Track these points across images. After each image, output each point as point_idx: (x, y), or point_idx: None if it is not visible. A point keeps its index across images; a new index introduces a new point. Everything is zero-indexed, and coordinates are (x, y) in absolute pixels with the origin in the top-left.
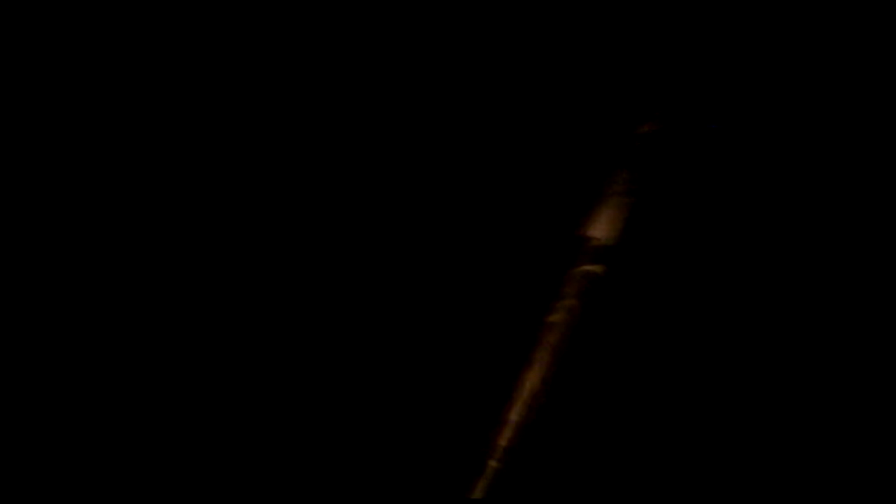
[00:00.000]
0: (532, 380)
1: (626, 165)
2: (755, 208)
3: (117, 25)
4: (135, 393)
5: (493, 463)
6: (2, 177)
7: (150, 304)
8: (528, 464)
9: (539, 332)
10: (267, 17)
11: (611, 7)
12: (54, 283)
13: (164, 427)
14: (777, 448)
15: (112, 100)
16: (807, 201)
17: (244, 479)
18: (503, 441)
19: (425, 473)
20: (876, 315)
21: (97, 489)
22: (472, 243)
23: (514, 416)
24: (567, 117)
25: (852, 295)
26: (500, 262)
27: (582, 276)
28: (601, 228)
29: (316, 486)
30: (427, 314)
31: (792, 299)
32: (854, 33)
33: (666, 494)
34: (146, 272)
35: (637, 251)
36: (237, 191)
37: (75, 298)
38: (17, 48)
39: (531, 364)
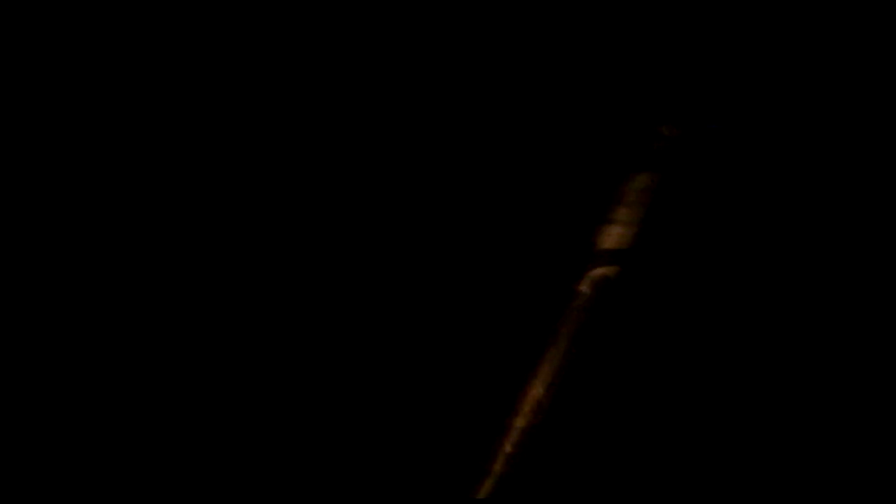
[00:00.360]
0: (537, 386)
1: (640, 169)
2: (773, 212)
3: (117, 25)
4: (134, 393)
5: (497, 465)
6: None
7: (148, 304)
8: (532, 466)
9: (547, 337)
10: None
11: (629, 8)
12: (54, 283)
13: (163, 427)
14: (783, 454)
15: (112, 100)
16: (827, 205)
17: (267, 479)
18: (508, 444)
19: (430, 474)
20: None
21: (97, 489)
22: (481, 246)
23: (520, 421)
24: (584, 120)
25: (871, 299)
26: (510, 264)
27: (593, 281)
28: (614, 234)
29: (323, 487)
30: (434, 319)
31: (810, 304)
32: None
33: (672, 498)
34: (145, 272)
35: (650, 257)
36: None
37: (75, 298)
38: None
39: (538, 369)
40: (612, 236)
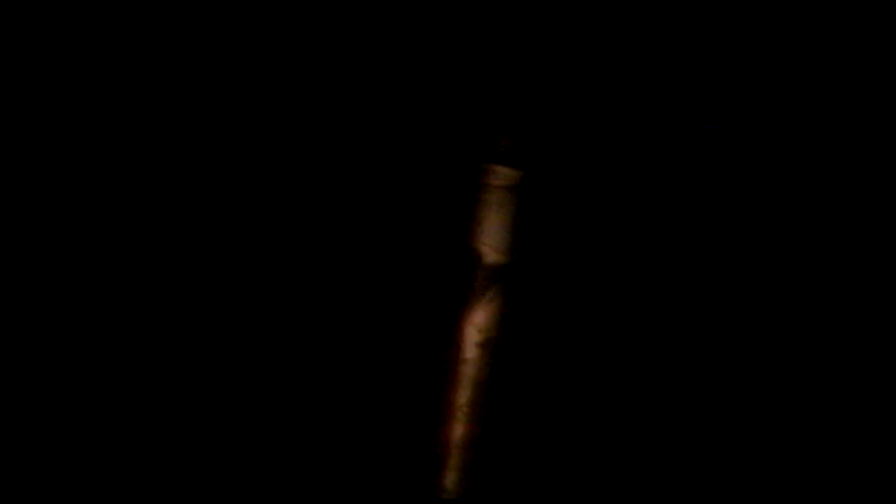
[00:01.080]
0: (465, 384)
1: (498, 168)
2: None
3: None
4: (132, 393)
5: (452, 460)
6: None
7: (140, 306)
8: (486, 463)
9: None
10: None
11: (473, 21)
12: (54, 283)
13: (123, 434)
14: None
15: (112, 100)
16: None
17: (207, 484)
18: (456, 445)
19: (397, 475)
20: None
21: (97, 489)
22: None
23: (458, 430)
24: (433, 129)
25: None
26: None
27: (487, 277)
28: (490, 245)
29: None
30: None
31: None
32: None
33: (634, 488)
34: (141, 272)
35: (531, 264)
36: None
37: (75, 298)
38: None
39: (459, 367)
40: (491, 251)
